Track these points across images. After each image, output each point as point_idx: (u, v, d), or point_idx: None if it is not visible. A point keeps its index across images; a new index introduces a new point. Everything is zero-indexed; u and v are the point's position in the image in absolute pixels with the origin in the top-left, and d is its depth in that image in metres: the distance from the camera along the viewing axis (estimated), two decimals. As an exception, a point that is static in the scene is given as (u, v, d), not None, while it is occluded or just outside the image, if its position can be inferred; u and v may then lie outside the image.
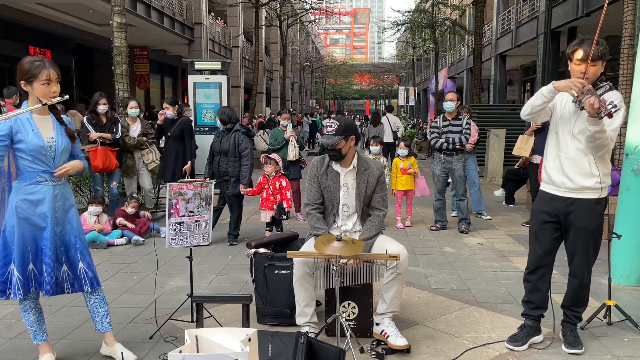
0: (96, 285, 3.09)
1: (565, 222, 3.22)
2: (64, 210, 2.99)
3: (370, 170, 3.48)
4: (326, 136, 3.42)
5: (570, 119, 3.13)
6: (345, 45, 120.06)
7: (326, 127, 3.49)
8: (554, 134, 3.23)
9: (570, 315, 3.34)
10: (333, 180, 3.48)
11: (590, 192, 3.14)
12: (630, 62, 6.36)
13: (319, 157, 3.57)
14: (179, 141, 6.81)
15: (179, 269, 4.99)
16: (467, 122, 6.59)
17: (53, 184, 2.94)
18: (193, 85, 11.48)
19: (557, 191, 3.21)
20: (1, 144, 2.79)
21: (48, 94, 2.86)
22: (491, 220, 7.37)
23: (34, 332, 3.07)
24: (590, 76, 3.05)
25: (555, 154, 3.21)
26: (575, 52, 3.08)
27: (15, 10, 14.25)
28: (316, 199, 3.51)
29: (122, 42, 8.08)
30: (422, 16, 25.91)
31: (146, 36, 19.09)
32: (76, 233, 3.03)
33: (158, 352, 3.26)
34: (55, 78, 2.87)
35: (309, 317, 3.37)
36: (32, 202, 2.88)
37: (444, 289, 4.49)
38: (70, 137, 3.01)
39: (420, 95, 44.67)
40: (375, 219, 3.49)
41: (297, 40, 44.93)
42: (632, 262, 4.47)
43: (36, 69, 2.83)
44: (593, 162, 3.10)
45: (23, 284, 2.88)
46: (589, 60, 3.00)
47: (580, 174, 3.12)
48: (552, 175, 3.22)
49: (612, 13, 11.68)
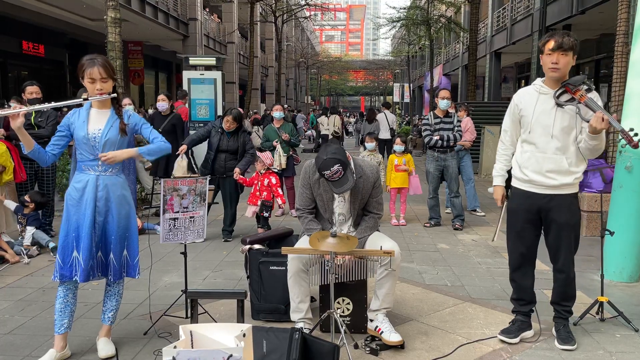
0: (119, 277, 3.18)
1: (546, 219, 3.24)
2: (106, 200, 3.07)
3: (365, 177, 3.37)
4: (339, 182, 3.16)
5: (547, 119, 3.13)
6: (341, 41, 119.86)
7: (329, 175, 3.14)
8: (526, 134, 3.23)
9: (561, 311, 3.35)
10: (326, 190, 3.38)
11: (568, 188, 3.18)
12: (624, 59, 6.38)
13: (311, 163, 3.43)
14: (171, 136, 6.81)
15: (174, 265, 4.99)
16: (458, 119, 6.62)
17: (96, 174, 3.06)
18: (188, 81, 11.41)
19: (536, 189, 3.22)
20: (59, 134, 3.06)
21: (93, 91, 3.03)
22: (485, 217, 7.39)
23: (55, 322, 3.12)
24: (562, 67, 3.06)
25: (531, 154, 3.21)
26: (547, 42, 3.10)
27: (8, 4, 14.12)
28: (308, 204, 3.46)
29: (116, 37, 8.02)
30: (417, 13, 25.88)
31: (140, 31, 18.99)
32: (115, 225, 3.10)
33: (152, 347, 3.26)
34: (99, 77, 3.00)
35: (303, 313, 3.37)
36: (78, 190, 3.05)
37: (438, 285, 4.50)
38: (121, 130, 3.09)
39: (415, 92, 44.69)
40: (371, 221, 3.45)
41: (293, 36, 44.81)
42: (625, 259, 4.50)
43: (83, 68, 3.02)
44: (573, 159, 3.13)
45: (61, 267, 3.03)
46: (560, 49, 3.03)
47: (560, 173, 3.15)
48: (529, 175, 3.22)
49: (607, 10, 11.73)
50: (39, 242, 5.37)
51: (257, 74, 30.55)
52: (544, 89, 3.19)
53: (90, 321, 3.63)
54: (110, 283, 3.23)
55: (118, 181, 3.13)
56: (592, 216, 6.17)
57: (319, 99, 60.38)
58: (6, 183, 5.51)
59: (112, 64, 3.18)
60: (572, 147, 3.14)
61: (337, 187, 3.20)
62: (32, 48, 17.49)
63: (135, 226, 3.23)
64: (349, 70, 64.00)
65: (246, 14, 21.66)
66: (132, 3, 15.32)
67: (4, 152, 5.37)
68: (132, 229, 3.21)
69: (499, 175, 3.44)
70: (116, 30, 8.01)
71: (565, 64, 3.07)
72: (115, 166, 3.11)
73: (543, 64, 3.15)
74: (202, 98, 11.45)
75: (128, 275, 3.23)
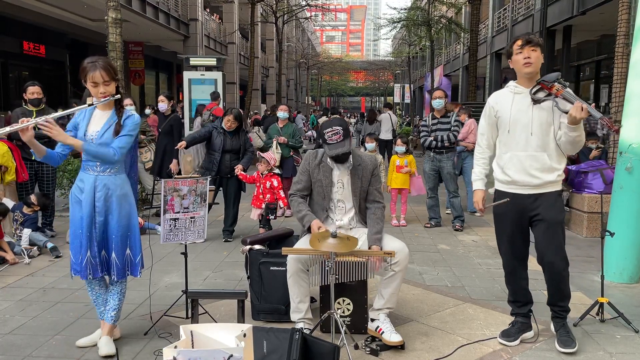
0: (122, 276, 3.21)
1: (533, 219, 3.23)
2: (106, 200, 3.09)
3: (364, 165, 3.46)
4: (335, 145, 3.29)
5: (525, 117, 3.15)
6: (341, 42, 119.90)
7: (329, 135, 3.31)
8: (505, 134, 3.23)
9: (558, 311, 3.33)
10: (325, 176, 3.45)
11: (552, 185, 3.19)
12: (625, 60, 6.38)
13: (313, 150, 3.56)
14: (168, 136, 6.85)
15: (174, 265, 4.99)
16: (455, 119, 6.61)
17: (95, 174, 3.09)
18: (188, 82, 11.45)
19: (520, 190, 3.22)
20: (68, 134, 3.08)
21: (97, 94, 3.05)
22: (485, 217, 7.39)
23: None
24: (534, 61, 3.10)
25: (512, 154, 3.21)
26: (514, 43, 3.17)
27: (9, 4, 14.15)
28: (301, 189, 3.51)
29: (117, 38, 8.03)
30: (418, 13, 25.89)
31: (141, 32, 19.01)
32: (116, 225, 3.13)
33: (153, 348, 3.26)
34: (102, 80, 3.01)
35: (303, 313, 3.37)
36: (80, 189, 3.13)
37: (438, 285, 4.50)
38: (115, 132, 3.09)
39: (416, 93, 44.70)
40: (378, 211, 3.48)
41: (293, 37, 44.83)
42: (625, 260, 4.50)
43: (84, 71, 3.03)
44: (554, 155, 3.15)
45: (73, 263, 3.13)
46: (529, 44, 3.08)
47: (542, 170, 3.16)
48: (512, 176, 3.22)
49: (607, 11, 11.73)
50: (36, 243, 5.37)
51: (258, 74, 30.58)
52: (519, 89, 3.21)
53: (91, 321, 3.63)
54: (113, 282, 3.24)
55: (118, 180, 3.15)
56: (592, 217, 6.17)
57: (319, 100, 60.40)
58: (8, 183, 5.52)
59: (114, 65, 3.18)
60: (552, 144, 3.15)
61: (333, 148, 3.28)
62: (33, 48, 17.51)
63: (136, 225, 3.25)
64: (349, 71, 63.97)
65: (247, 15, 21.67)
66: (133, 3, 15.34)
67: (5, 152, 5.38)
68: (134, 228, 3.22)
69: (478, 179, 3.43)
70: (117, 31, 8.02)
71: (536, 58, 3.11)
72: (114, 166, 3.12)
73: (515, 64, 3.19)
74: (202, 98, 11.47)
75: (131, 274, 3.25)
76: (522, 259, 3.37)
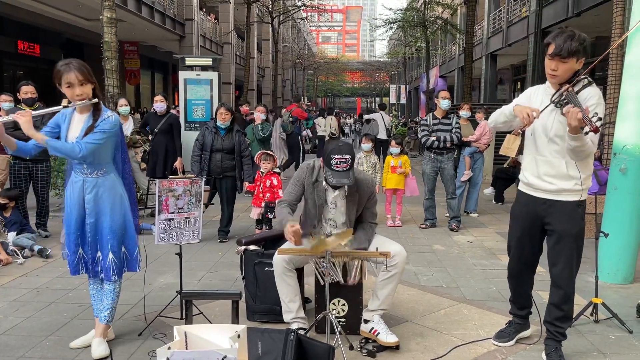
0: (119, 275, 3.21)
1: (547, 226, 3.09)
2: (96, 202, 3.08)
3: (361, 192, 3.34)
4: (340, 174, 3.12)
5: (547, 121, 2.98)
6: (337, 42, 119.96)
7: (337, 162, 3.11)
8: (530, 135, 3.11)
9: (553, 332, 3.08)
10: (319, 195, 3.36)
11: (569, 194, 3.01)
12: (619, 62, 6.41)
13: (309, 164, 3.41)
14: (167, 136, 6.83)
15: (169, 265, 4.98)
16: (456, 121, 6.62)
17: (83, 176, 3.08)
18: (184, 82, 11.39)
19: (535, 193, 3.10)
20: (48, 129, 3.07)
21: (73, 97, 2.97)
22: (480, 218, 7.41)
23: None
24: (560, 74, 2.86)
25: (532, 156, 3.09)
26: (549, 45, 2.88)
27: (4, 4, 14.09)
28: (292, 201, 3.39)
29: (112, 38, 8.01)
30: (414, 14, 25.97)
31: (136, 32, 18.97)
32: (109, 225, 3.12)
33: (147, 348, 3.25)
34: (77, 81, 2.93)
35: (294, 313, 3.35)
36: (71, 189, 3.13)
37: (433, 286, 4.51)
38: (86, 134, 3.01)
39: (412, 94, 44.78)
40: (369, 230, 3.42)
41: (289, 37, 44.85)
42: (619, 260, 4.52)
43: (59, 74, 2.94)
44: (573, 164, 2.95)
45: (70, 261, 3.17)
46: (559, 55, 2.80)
47: (556, 177, 2.99)
48: (528, 177, 3.12)
49: (602, 13, 11.78)
50: (23, 247, 5.29)
51: (254, 74, 30.54)
52: (549, 90, 3.02)
53: (85, 322, 3.61)
54: (107, 281, 3.22)
55: (107, 181, 3.12)
56: (586, 218, 6.16)
57: (315, 100, 60.42)
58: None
59: (88, 67, 3.05)
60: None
61: (337, 177, 3.13)
62: (28, 48, 17.45)
63: (131, 222, 3.23)
64: (345, 72, 64.05)
65: (243, 15, 21.67)
66: (128, 3, 15.31)
67: None
68: (129, 226, 3.21)
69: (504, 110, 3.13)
70: (112, 31, 8.00)
71: (565, 71, 2.86)
72: (101, 167, 3.09)
73: (545, 66, 2.96)
74: (198, 98, 11.43)
75: (130, 270, 3.25)
76: (528, 266, 3.26)
